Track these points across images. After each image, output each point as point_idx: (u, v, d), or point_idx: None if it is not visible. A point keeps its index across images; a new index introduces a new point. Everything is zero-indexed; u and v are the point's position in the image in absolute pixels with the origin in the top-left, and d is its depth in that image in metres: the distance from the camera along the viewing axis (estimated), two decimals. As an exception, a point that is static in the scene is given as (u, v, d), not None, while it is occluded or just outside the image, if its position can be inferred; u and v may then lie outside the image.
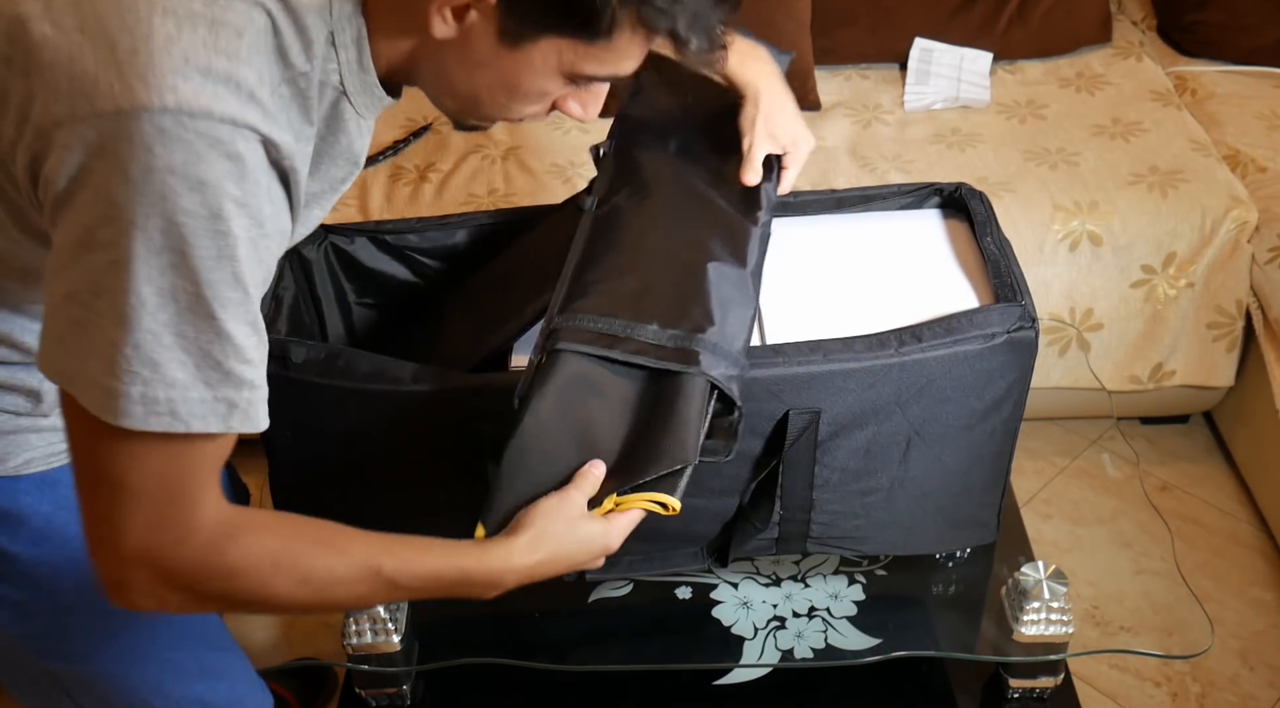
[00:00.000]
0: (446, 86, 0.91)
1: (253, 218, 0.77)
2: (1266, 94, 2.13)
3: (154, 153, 0.73)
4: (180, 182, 0.74)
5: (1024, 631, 1.26)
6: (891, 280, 1.26)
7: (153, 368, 0.76)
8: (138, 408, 0.77)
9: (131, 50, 0.74)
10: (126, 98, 0.73)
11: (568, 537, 0.97)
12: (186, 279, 0.76)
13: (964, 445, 1.20)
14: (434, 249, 1.36)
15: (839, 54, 2.23)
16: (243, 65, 0.76)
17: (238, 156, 0.76)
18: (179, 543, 0.83)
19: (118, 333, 0.76)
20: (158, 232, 0.74)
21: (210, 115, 0.74)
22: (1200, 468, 2.10)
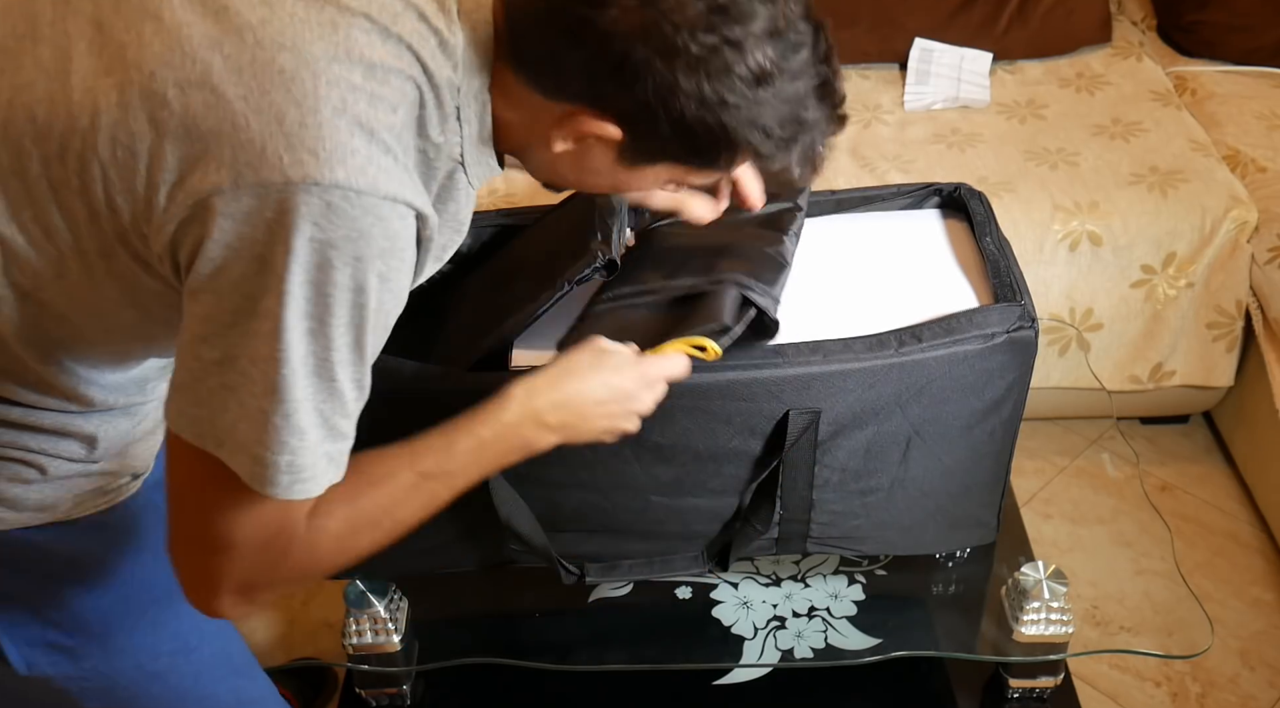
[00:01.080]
0: (554, 176, 0.93)
1: (391, 292, 0.79)
2: (1266, 94, 2.13)
3: (319, 226, 0.74)
4: (339, 255, 0.75)
5: (1024, 631, 1.26)
6: (891, 281, 1.26)
7: (300, 436, 0.79)
8: (284, 477, 0.79)
9: (300, 123, 0.74)
10: (296, 170, 0.73)
11: (595, 368, 0.98)
12: (320, 345, 0.78)
13: (964, 445, 1.20)
14: (434, 249, 1.36)
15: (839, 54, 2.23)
16: (396, 139, 0.78)
17: (394, 234, 0.77)
18: (277, 567, 0.86)
19: (267, 401, 0.77)
20: (307, 300, 0.76)
21: (375, 191, 0.75)
22: (1200, 468, 2.09)
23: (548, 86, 0.83)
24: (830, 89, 0.86)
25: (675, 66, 0.78)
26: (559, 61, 0.81)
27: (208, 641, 1.13)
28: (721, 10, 0.78)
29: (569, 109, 0.83)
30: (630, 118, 0.82)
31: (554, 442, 0.98)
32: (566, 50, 0.80)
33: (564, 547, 1.26)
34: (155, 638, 1.08)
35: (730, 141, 0.83)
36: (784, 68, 0.81)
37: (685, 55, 0.78)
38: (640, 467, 1.18)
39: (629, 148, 0.85)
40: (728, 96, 0.80)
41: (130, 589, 1.05)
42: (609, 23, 0.77)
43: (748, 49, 0.79)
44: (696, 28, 0.77)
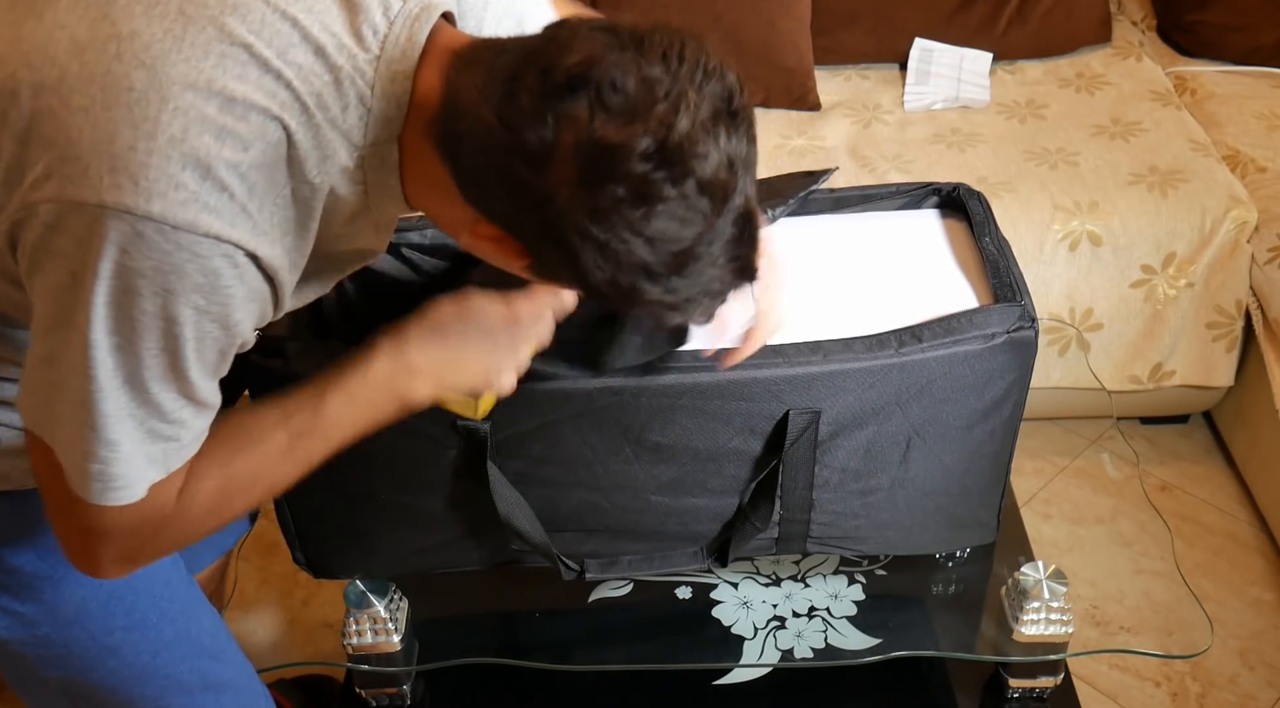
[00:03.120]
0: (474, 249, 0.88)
1: (217, 322, 0.78)
2: (1266, 94, 2.13)
3: (127, 254, 0.73)
4: (146, 285, 0.74)
5: (1024, 630, 1.26)
6: (891, 280, 1.26)
7: (110, 447, 0.79)
8: (95, 485, 0.81)
9: (130, 147, 0.72)
10: (111, 194, 0.72)
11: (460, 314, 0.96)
12: (129, 360, 0.77)
13: (964, 446, 1.20)
14: (434, 248, 1.36)
15: (839, 54, 2.23)
16: (240, 179, 0.75)
17: (213, 271, 0.76)
18: (154, 537, 0.88)
19: (79, 411, 0.78)
20: (112, 319, 0.75)
21: (194, 229, 0.74)
22: (1200, 468, 2.10)
23: (470, 195, 0.80)
24: (746, 270, 0.81)
25: (590, 249, 0.75)
26: (486, 186, 0.78)
27: (168, 619, 1.12)
28: (648, 213, 0.73)
29: (485, 223, 0.80)
30: (542, 259, 0.80)
31: (429, 392, 0.97)
32: (498, 184, 0.76)
33: (564, 547, 1.26)
34: (108, 611, 1.07)
35: (644, 303, 0.79)
36: (709, 246, 0.77)
37: (605, 248, 0.75)
38: (640, 466, 1.18)
39: (542, 270, 0.82)
40: (640, 285, 0.77)
41: None
42: (542, 187, 0.74)
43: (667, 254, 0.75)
44: (622, 226, 0.73)
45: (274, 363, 1.11)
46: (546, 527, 1.21)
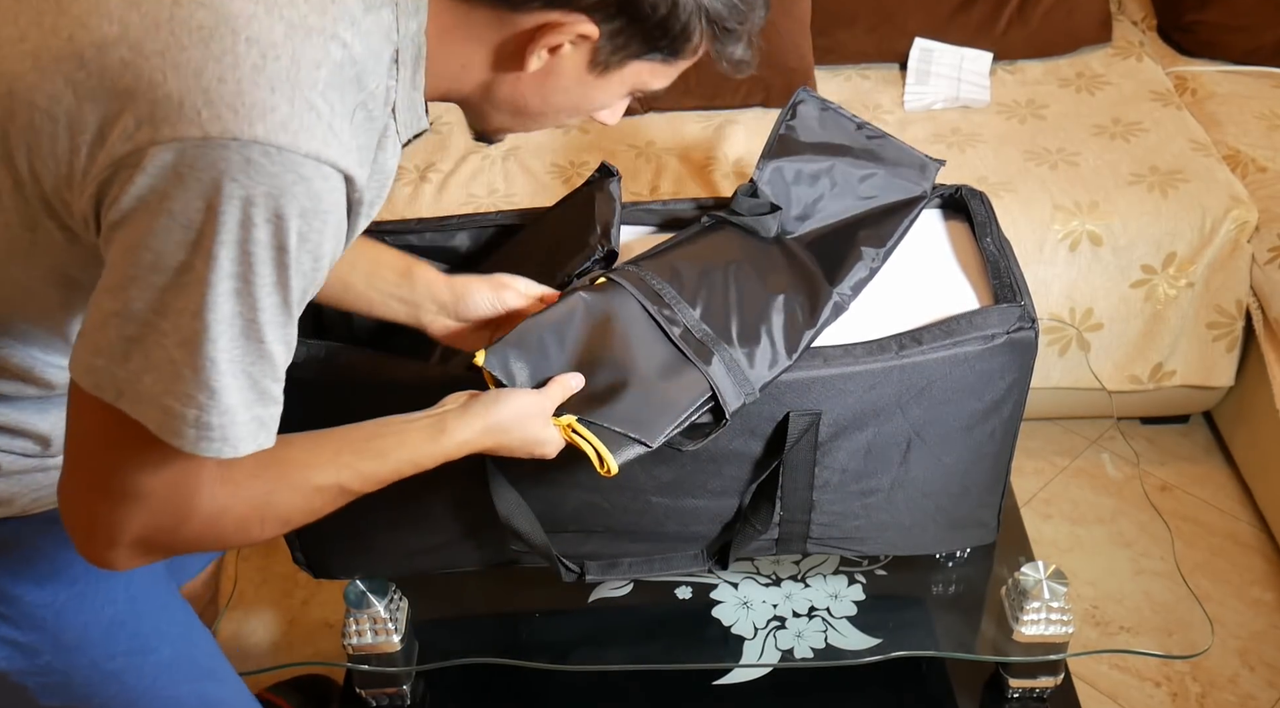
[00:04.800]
0: (512, 107, 0.92)
1: (312, 254, 0.78)
2: (1266, 94, 2.13)
3: (239, 181, 0.73)
4: (259, 212, 0.74)
5: (1024, 631, 1.26)
6: (892, 281, 1.26)
7: (210, 394, 0.78)
8: (191, 431, 0.78)
9: (218, 78, 0.73)
10: (215, 125, 0.72)
11: (516, 433, 1.01)
12: (246, 305, 0.77)
13: (964, 446, 1.20)
14: (434, 250, 1.36)
15: (839, 54, 2.23)
16: (321, 98, 0.76)
17: (316, 194, 0.76)
18: (177, 527, 0.85)
19: (180, 354, 0.76)
20: (229, 260, 0.75)
21: (296, 149, 0.74)
22: (1200, 468, 2.10)
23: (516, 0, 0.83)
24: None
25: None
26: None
27: (168, 642, 1.12)
28: None
29: (544, 18, 0.82)
30: (610, 11, 0.83)
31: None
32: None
33: (564, 547, 1.26)
34: (110, 637, 1.07)
35: (702, 18, 0.85)
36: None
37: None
38: (640, 467, 1.18)
39: (604, 48, 0.85)
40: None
41: (85, 586, 1.05)
42: None
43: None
44: None
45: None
46: (546, 527, 1.21)
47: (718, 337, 1.10)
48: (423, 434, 0.97)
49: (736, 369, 1.09)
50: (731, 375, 1.08)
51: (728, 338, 1.11)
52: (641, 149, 2.05)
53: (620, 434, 1.03)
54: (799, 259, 1.24)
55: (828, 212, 1.30)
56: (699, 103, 2.13)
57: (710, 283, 1.16)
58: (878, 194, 1.31)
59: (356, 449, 0.94)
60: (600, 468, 1.02)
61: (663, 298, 1.12)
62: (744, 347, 1.10)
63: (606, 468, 1.02)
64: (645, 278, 1.13)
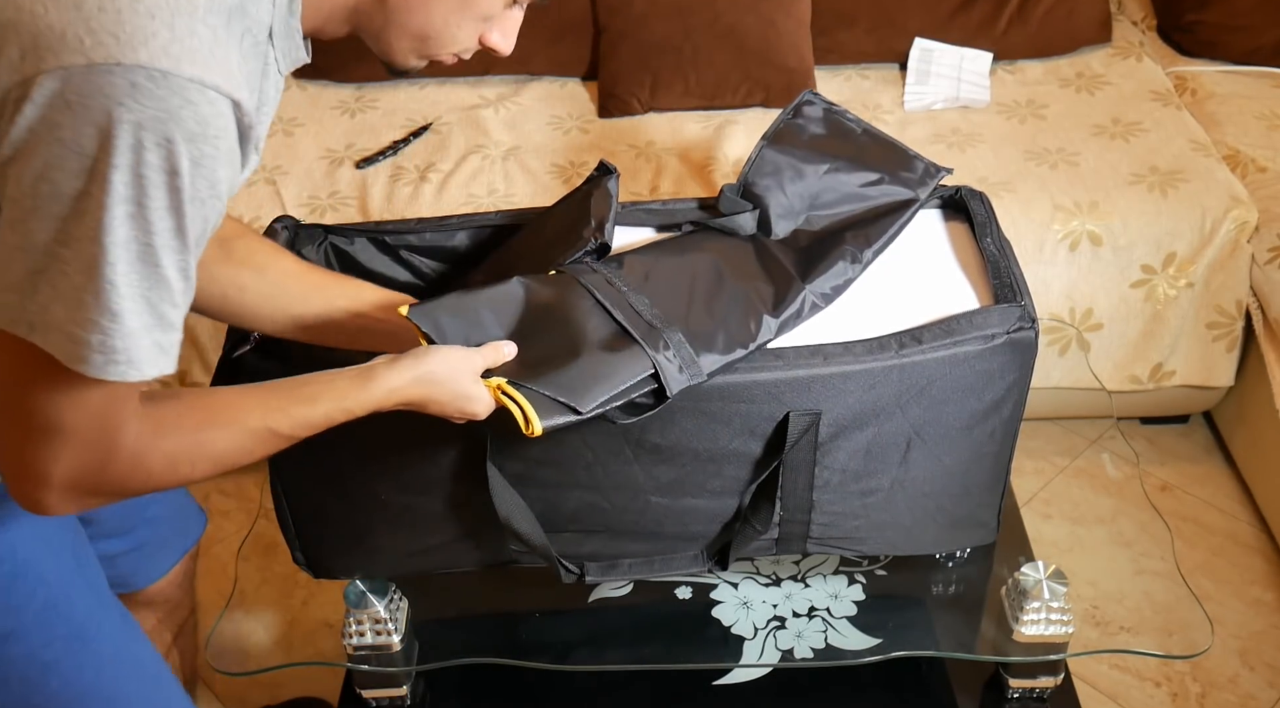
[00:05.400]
0: (404, 21, 0.92)
1: (206, 179, 0.79)
2: (1266, 94, 2.13)
3: (126, 106, 0.74)
4: (149, 136, 0.75)
5: (1024, 631, 1.26)
6: (892, 281, 1.26)
7: (112, 318, 0.79)
8: (97, 357, 0.79)
9: (98, 7, 0.74)
10: (98, 51, 0.74)
11: (450, 387, 1.01)
12: (140, 230, 0.78)
13: (964, 446, 1.20)
14: (433, 250, 1.36)
15: (839, 54, 2.23)
16: (202, 24, 0.77)
17: (203, 118, 0.77)
18: (104, 465, 0.86)
19: (81, 279, 0.77)
20: (122, 184, 0.76)
21: (180, 73, 0.75)
22: (1200, 468, 2.09)
23: None
24: None
25: None
26: None
27: (107, 634, 1.11)
28: None
29: None
30: None
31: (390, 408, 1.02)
32: None
33: (563, 548, 1.26)
34: (45, 621, 1.06)
35: None
36: None
37: None
38: (640, 467, 1.18)
39: None
40: None
41: (15, 566, 1.04)
42: None
43: None
44: None
45: (273, 364, 1.11)
46: (546, 527, 1.21)
47: (668, 321, 1.11)
48: (352, 382, 0.98)
49: (684, 351, 1.09)
50: (679, 357, 1.08)
51: (679, 324, 1.11)
52: (641, 149, 2.05)
53: (550, 399, 1.03)
54: (775, 257, 1.24)
55: (819, 213, 1.30)
56: (699, 103, 2.13)
57: (668, 275, 1.17)
58: (874, 197, 1.31)
59: (287, 393, 0.96)
60: (525, 428, 1.02)
61: (614, 285, 1.13)
62: (696, 332, 1.11)
63: (531, 429, 1.01)
64: (598, 268, 1.15)
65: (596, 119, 2.15)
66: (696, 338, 1.10)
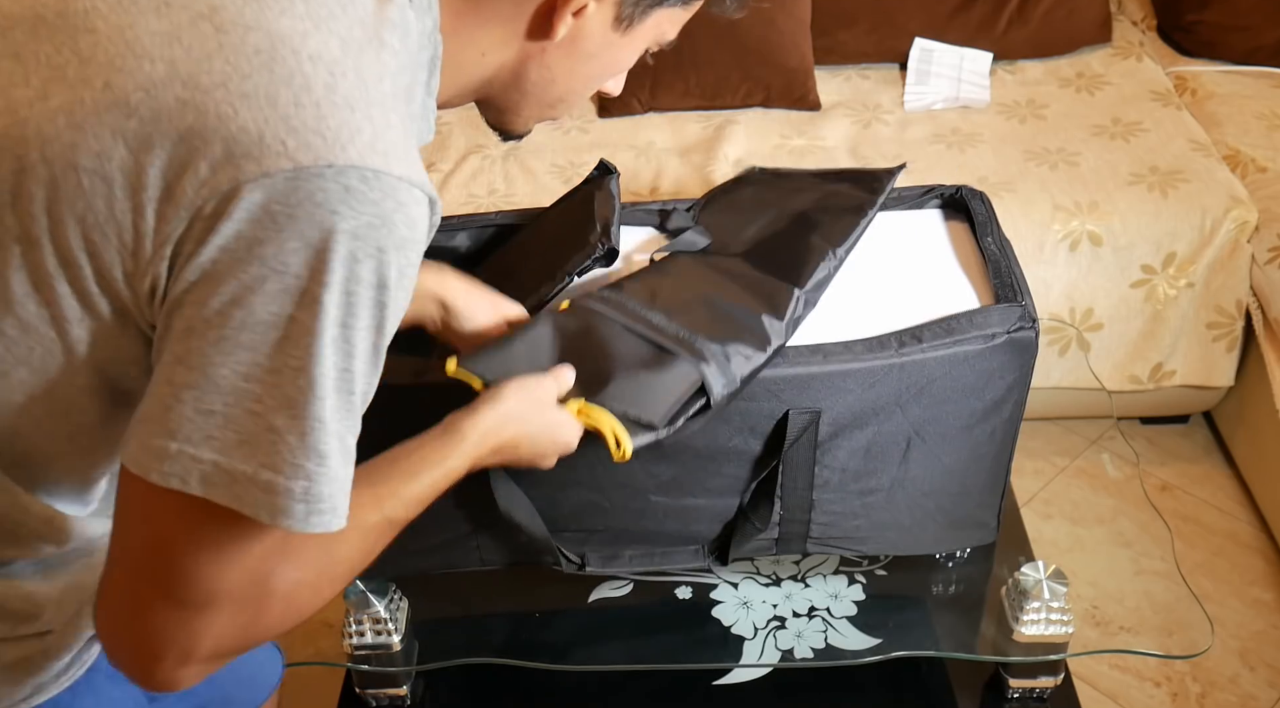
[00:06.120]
0: (540, 86, 0.85)
1: (407, 290, 0.70)
2: (1266, 94, 2.13)
3: (339, 214, 0.64)
4: (362, 247, 0.65)
5: (1024, 631, 1.26)
6: (892, 281, 1.26)
7: (320, 460, 0.67)
8: (299, 507, 0.67)
9: (295, 103, 0.65)
10: (305, 153, 0.64)
11: (535, 418, 0.97)
12: (343, 355, 0.68)
13: (964, 446, 1.20)
14: (434, 250, 1.36)
15: (839, 54, 2.23)
16: (394, 113, 0.69)
17: (413, 221, 0.68)
18: (256, 620, 0.74)
19: (283, 420, 0.66)
20: (334, 305, 0.66)
21: (390, 172, 0.66)
22: (1200, 468, 2.10)
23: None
24: None
25: None
26: None
27: None
28: None
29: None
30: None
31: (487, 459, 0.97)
32: None
33: (564, 547, 1.26)
34: None
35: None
36: None
37: None
38: (640, 465, 1.18)
39: (627, 1, 0.81)
40: None
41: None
42: None
43: None
44: None
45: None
46: (546, 527, 1.21)
47: (694, 333, 1.10)
48: (439, 443, 0.92)
49: (719, 359, 1.08)
50: (716, 364, 1.07)
51: (703, 335, 1.10)
52: (641, 149, 2.05)
53: (627, 418, 1.00)
54: (757, 266, 1.24)
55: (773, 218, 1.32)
56: (699, 103, 2.13)
57: (672, 293, 1.16)
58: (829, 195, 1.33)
59: (385, 478, 0.86)
60: (617, 452, 0.99)
61: (629, 309, 1.12)
62: (717, 343, 1.09)
63: (623, 451, 0.98)
64: (607, 296, 1.14)
65: (596, 119, 2.15)
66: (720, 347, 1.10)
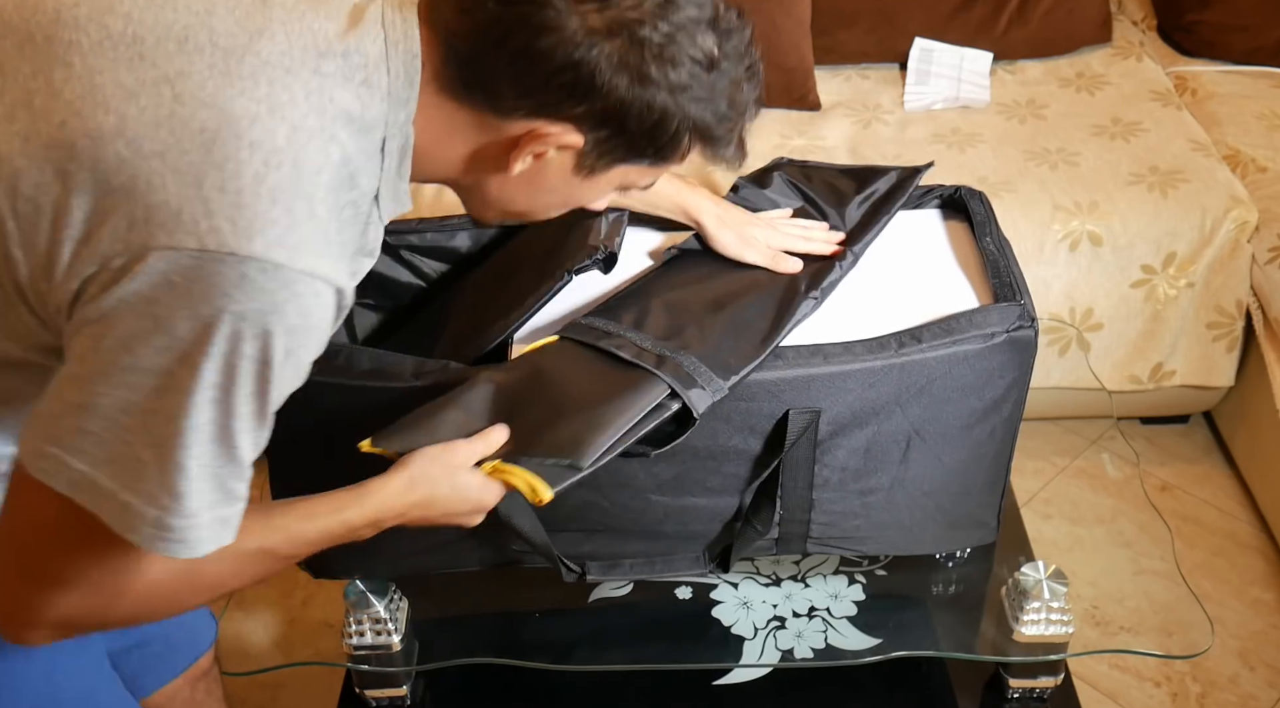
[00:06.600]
0: (501, 204, 0.91)
1: (295, 367, 0.77)
2: (1266, 94, 2.13)
3: (231, 298, 0.71)
4: (248, 328, 0.72)
5: (1024, 631, 1.26)
6: (891, 281, 1.26)
7: (175, 498, 0.75)
8: (148, 530, 0.76)
9: (219, 187, 0.71)
10: (212, 237, 0.70)
11: (443, 483, 0.98)
12: (221, 413, 0.75)
13: (964, 445, 1.20)
14: (434, 250, 1.36)
15: (839, 54, 2.23)
16: (321, 204, 0.75)
17: (306, 310, 0.75)
18: (108, 607, 0.82)
19: (149, 455, 0.74)
20: (212, 372, 0.73)
21: (293, 265, 0.72)
22: (1200, 468, 2.10)
23: (503, 107, 0.82)
24: (756, 72, 0.88)
25: (643, 57, 0.79)
26: (519, 79, 0.80)
27: None
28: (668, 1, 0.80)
29: (529, 126, 0.82)
30: (597, 121, 0.82)
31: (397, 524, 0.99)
32: (527, 66, 0.79)
33: (564, 547, 1.26)
34: None
35: (690, 127, 0.84)
36: (725, 52, 0.84)
37: (649, 45, 0.79)
38: (640, 465, 1.18)
39: (590, 154, 0.85)
40: (688, 80, 0.81)
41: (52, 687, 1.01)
42: (574, 29, 0.77)
43: (696, 34, 0.81)
44: (654, 18, 0.79)
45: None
46: (546, 526, 1.21)
47: (676, 347, 1.10)
48: (345, 495, 0.95)
49: (700, 371, 1.08)
50: (697, 376, 1.08)
51: (687, 346, 1.10)
52: (641, 149, 2.05)
53: (552, 465, 0.99)
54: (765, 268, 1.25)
55: None
56: (699, 103, 2.13)
57: (663, 303, 1.17)
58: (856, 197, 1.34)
59: (285, 513, 0.91)
60: (533, 499, 0.98)
61: (609, 332, 1.12)
62: (707, 353, 1.10)
63: (539, 498, 0.98)
64: (584, 322, 1.14)
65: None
66: (708, 357, 1.10)
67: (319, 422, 1.16)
